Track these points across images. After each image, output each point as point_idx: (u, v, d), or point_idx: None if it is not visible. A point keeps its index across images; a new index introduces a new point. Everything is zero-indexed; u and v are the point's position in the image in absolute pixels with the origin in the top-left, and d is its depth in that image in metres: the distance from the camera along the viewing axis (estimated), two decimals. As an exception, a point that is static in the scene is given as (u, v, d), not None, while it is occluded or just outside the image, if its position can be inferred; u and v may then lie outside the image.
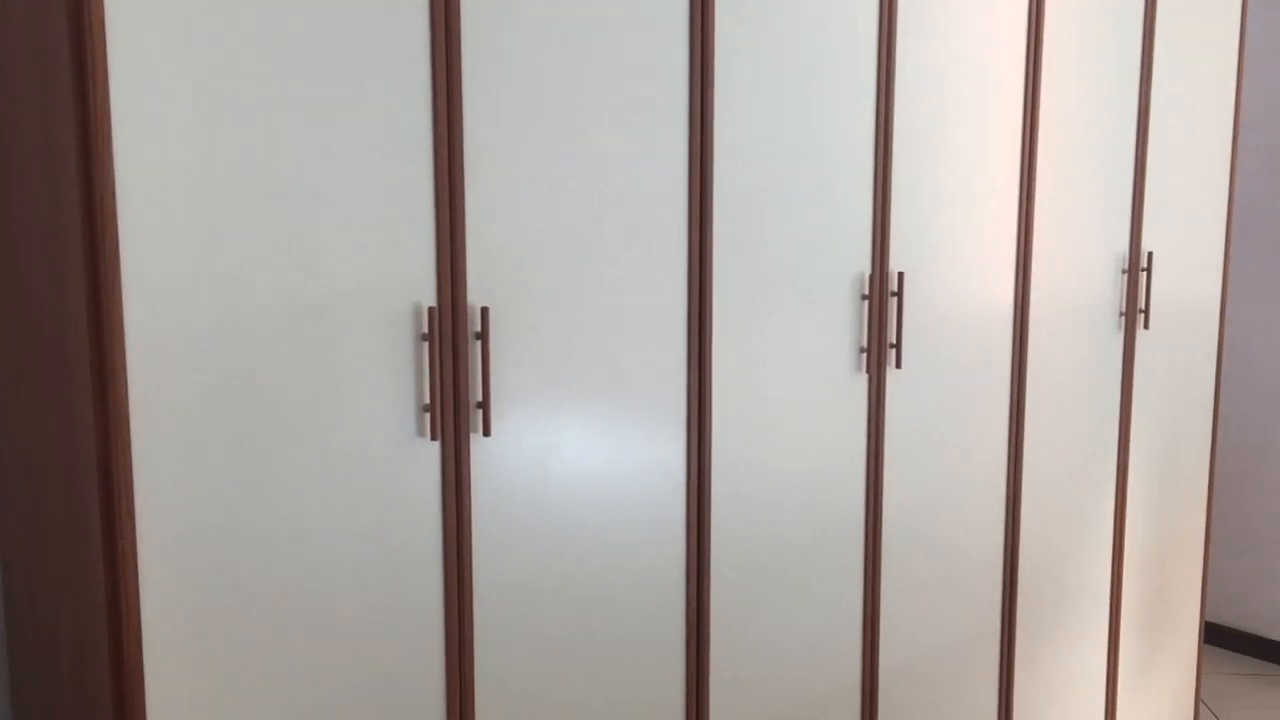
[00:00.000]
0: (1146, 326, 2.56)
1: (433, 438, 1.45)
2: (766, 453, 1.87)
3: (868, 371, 2.00)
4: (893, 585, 2.10)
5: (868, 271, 1.97)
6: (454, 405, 1.48)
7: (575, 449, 1.62)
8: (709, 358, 1.76)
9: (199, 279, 1.26)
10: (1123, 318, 2.51)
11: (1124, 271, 2.49)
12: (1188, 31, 2.54)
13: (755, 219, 1.80)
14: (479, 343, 1.49)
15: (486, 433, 1.50)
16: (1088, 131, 2.35)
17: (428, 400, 1.45)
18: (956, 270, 2.13)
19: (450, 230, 1.45)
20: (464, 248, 1.46)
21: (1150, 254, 2.53)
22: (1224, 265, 2.77)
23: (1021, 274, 2.25)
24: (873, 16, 1.91)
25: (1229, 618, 3.48)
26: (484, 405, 1.49)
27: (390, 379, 1.42)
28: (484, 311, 1.47)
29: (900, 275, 2.01)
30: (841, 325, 1.95)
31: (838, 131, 1.89)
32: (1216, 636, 3.50)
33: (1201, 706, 3.05)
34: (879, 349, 2.01)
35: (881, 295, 1.99)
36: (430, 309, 1.43)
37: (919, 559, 2.15)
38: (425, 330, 1.44)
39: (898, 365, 2.04)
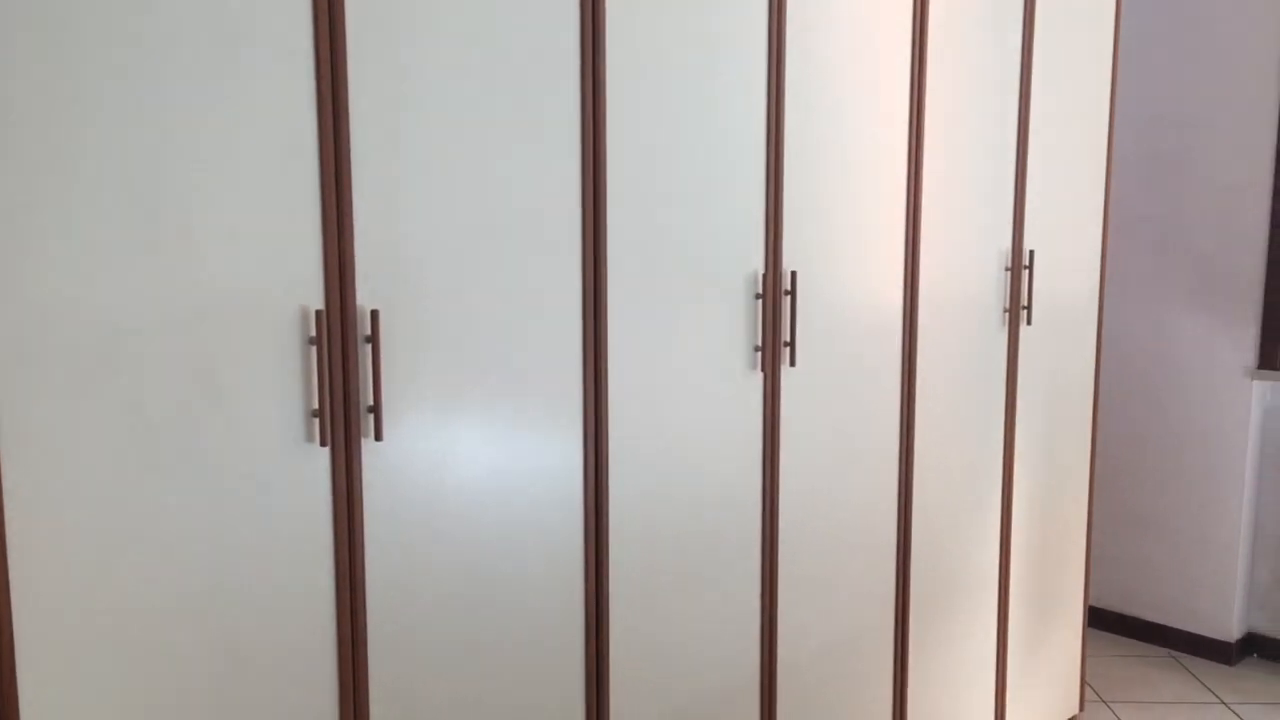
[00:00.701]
0: (1029, 322, 2.65)
1: (322, 444, 1.42)
2: (664, 451, 1.88)
3: (762, 369, 2.02)
4: (790, 579, 2.14)
5: (762, 271, 2.00)
6: (344, 410, 1.45)
7: (472, 451, 1.60)
8: (605, 357, 1.76)
9: (65, 285, 1.22)
10: (1007, 314, 2.58)
11: (1007, 269, 2.56)
12: (1064, 41, 2.63)
13: (650, 219, 1.80)
14: (369, 346, 1.46)
15: (379, 437, 1.48)
16: (971, 136, 2.41)
17: (316, 406, 1.42)
18: (848, 269, 2.18)
19: (337, 231, 1.42)
20: (352, 249, 1.44)
21: (1032, 253, 2.61)
22: (1101, 263, 2.88)
23: (910, 272, 2.30)
24: (762, 21, 1.94)
25: (1111, 601, 3.62)
26: (375, 409, 1.47)
27: (277, 385, 1.39)
28: (374, 314, 1.45)
29: (793, 274, 2.04)
30: (737, 324, 1.97)
31: (730, 133, 1.91)
32: (1099, 620, 3.64)
33: (1086, 688, 3.17)
34: (773, 347, 2.03)
35: (775, 294, 2.02)
36: (317, 312, 1.40)
37: (815, 552, 2.19)
38: (313, 334, 1.41)
39: (792, 363, 2.07)
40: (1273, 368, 3.24)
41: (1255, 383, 3.29)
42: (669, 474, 1.89)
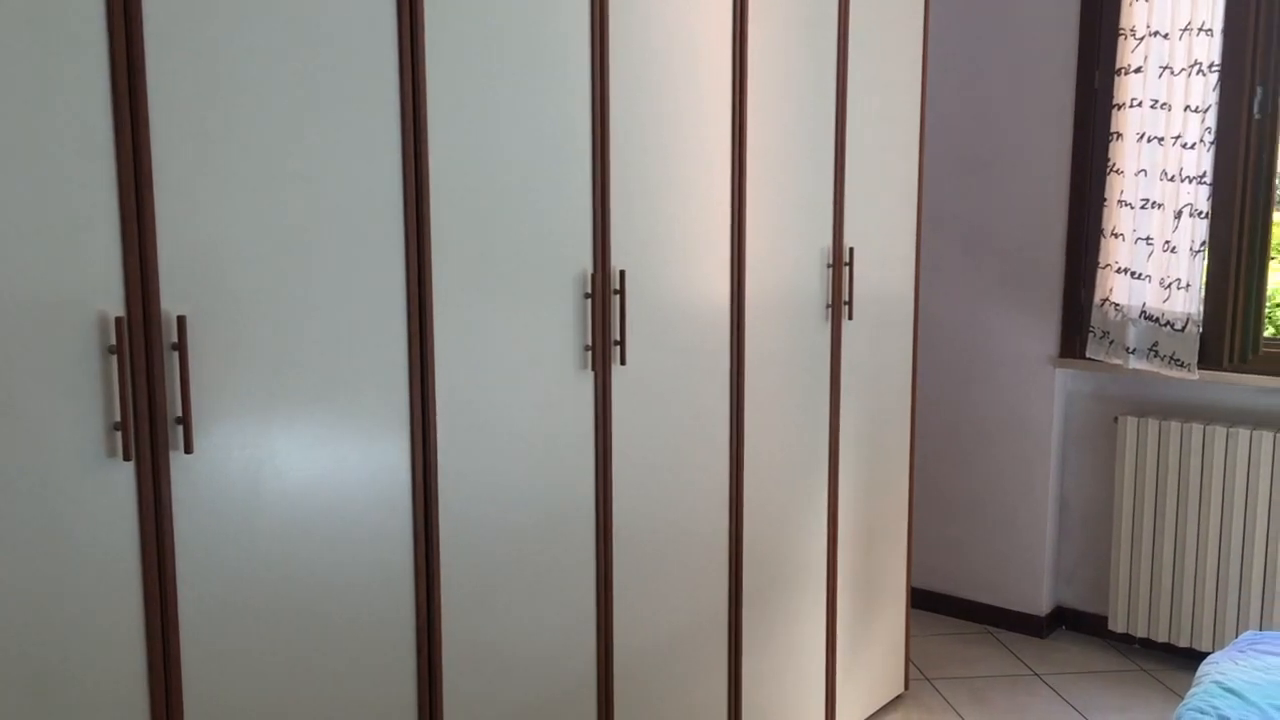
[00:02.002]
0: (851, 317, 2.74)
1: (125, 458, 1.34)
2: (495, 453, 1.85)
3: (593, 369, 2.02)
4: (625, 577, 2.14)
5: (590, 270, 1.99)
6: (149, 422, 1.37)
7: (291, 461, 1.54)
8: (431, 359, 1.72)
9: None
10: (829, 309, 2.66)
11: (829, 266, 2.64)
12: (877, 44, 2.73)
13: (477, 219, 1.78)
14: (176, 353, 1.39)
15: (188, 449, 1.40)
16: (792, 137, 2.48)
17: (119, 418, 1.34)
18: (676, 268, 2.20)
19: (138, 233, 1.34)
20: (154, 252, 1.36)
21: (851, 250, 2.70)
22: (916, 259, 3.00)
23: (736, 271, 2.35)
24: (585, 22, 1.93)
25: (932, 582, 3.79)
26: (184, 420, 1.39)
27: (73, 397, 1.30)
28: (180, 320, 1.37)
29: (622, 273, 2.05)
30: (566, 324, 1.96)
31: (555, 135, 1.90)
32: (921, 600, 3.81)
33: (911, 666, 3.30)
34: (603, 346, 2.04)
35: (604, 293, 2.02)
36: (117, 319, 1.32)
37: (650, 549, 2.21)
38: (113, 342, 1.33)
39: (622, 361, 2.07)
40: (1072, 356, 3.45)
41: (1057, 370, 3.50)
42: (501, 475, 1.87)
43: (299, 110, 1.50)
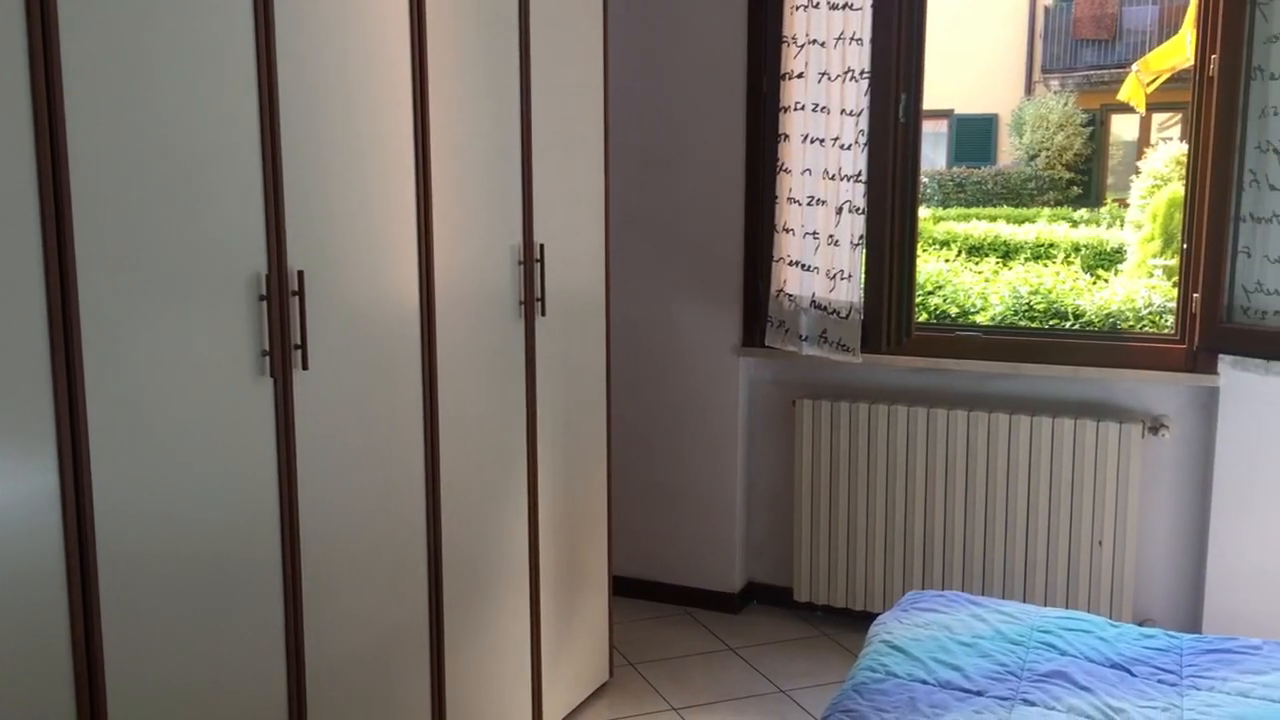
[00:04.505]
0: (544, 313, 2.76)
1: None
2: (161, 473, 1.71)
3: (273, 375, 1.92)
4: (317, 591, 2.05)
5: (265, 271, 1.89)
6: None
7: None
8: (80, 374, 1.56)
9: None
10: (522, 306, 2.67)
11: (520, 263, 2.65)
12: (559, 43, 2.77)
13: (127, 219, 1.63)
14: None
15: None
16: (478, 135, 2.46)
17: None
18: (361, 267, 2.12)
19: None
20: None
21: (542, 246, 2.72)
22: (605, 255, 3.07)
23: (425, 269, 2.30)
24: (248, 10, 1.82)
25: (633, 569, 3.90)
26: None
27: None
28: None
29: (301, 274, 1.95)
30: (239, 328, 1.84)
31: (220, 128, 1.78)
32: (624, 588, 3.90)
33: (615, 654, 3.38)
34: (283, 351, 1.93)
35: (282, 295, 1.92)
36: None
37: (342, 561, 2.12)
38: None
39: (304, 366, 1.98)
40: (753, 345, 3.66)
41: (741, 359, 3.69)
42: (170, 495, 1.73)
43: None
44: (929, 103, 3.57)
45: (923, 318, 3.59)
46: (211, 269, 1.78)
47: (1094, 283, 5.31)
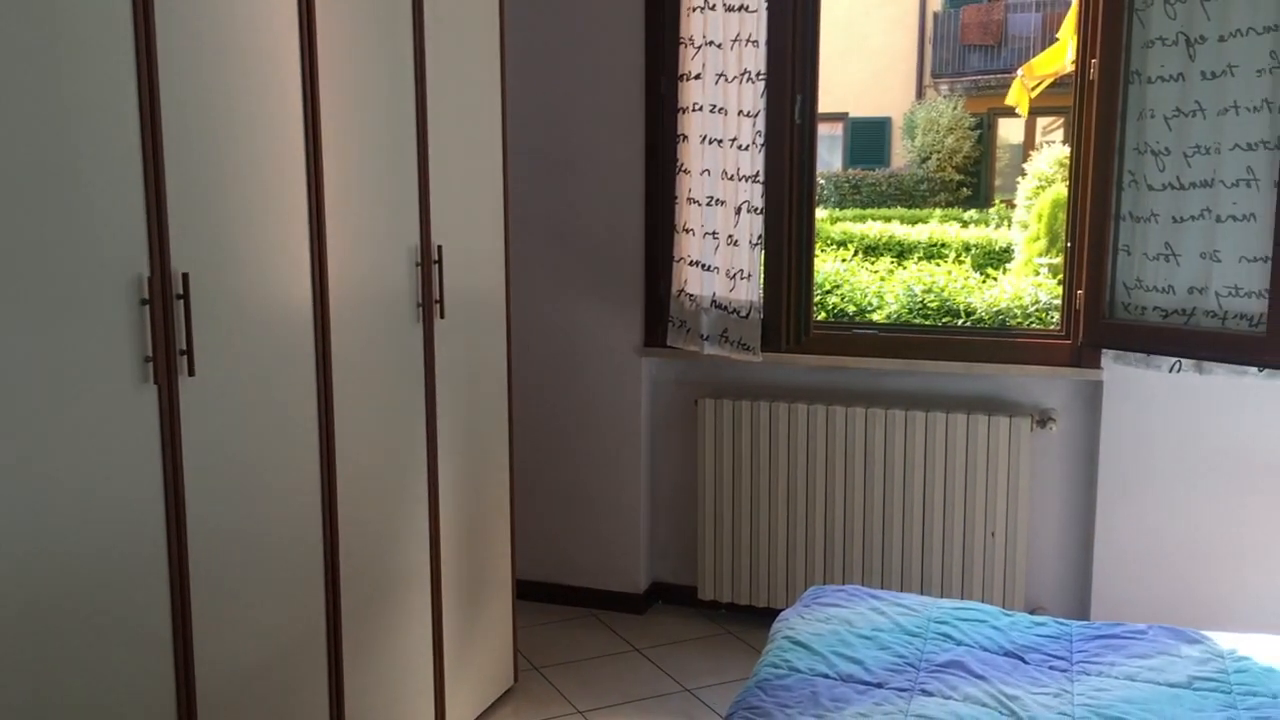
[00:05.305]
0: (443, 315, 2.71)
1: None
2: (30, 492, 1.63)
3: (156, 382, 1.84)
4: (205, 606, 1.98)
5: (146, 274, 1.81)
6: None
7: None
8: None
9: None
10: (420, 308, 2.62)
11: (418, 265, 2.60)
12: (454, 44, 2.73)
13: (-4, 218, 1.55)
14: None
15: None
16: (371, 136, 2.41)
17: None
18: (250, 269, 2.06)
19: None
20: None
21: (440, 247, 2.68)
22: (505, 256, 3.03)
23: (318, 271, 2.24)
24: (126, 6, 1.75)
25: (538, 573, 3.87)
26: None
27: None
28: None
29: (186, 276, 1.88)
30: (119, 334, 1.77)
31: (96, 125, 1.70)
32: (529, 592, 3.87)
33: (519, 658, 3.35)
34: (167, 357, 1.86)
35: (165, 299, 1.85)
36: None
37: (234, 574, 2.05)
38: None
39: (191, 373, 1.91)
40: (656, 345, 3.66)
41: (644, 359, 3.69)
42: (40, 511, 1.65)
43: None
44: (824, 106, 3.62)
45: (821, 316, 3.64)
46: (85, 271, 1.70)
47: (984, 281, 5.45)
